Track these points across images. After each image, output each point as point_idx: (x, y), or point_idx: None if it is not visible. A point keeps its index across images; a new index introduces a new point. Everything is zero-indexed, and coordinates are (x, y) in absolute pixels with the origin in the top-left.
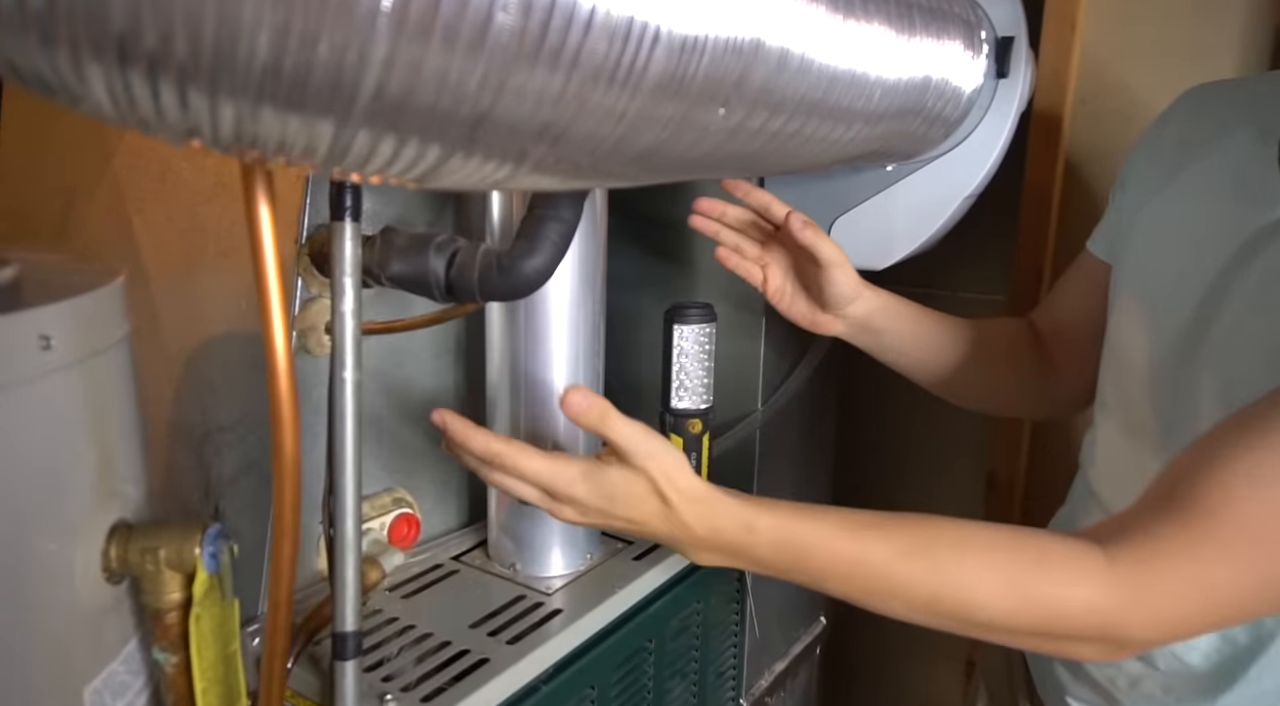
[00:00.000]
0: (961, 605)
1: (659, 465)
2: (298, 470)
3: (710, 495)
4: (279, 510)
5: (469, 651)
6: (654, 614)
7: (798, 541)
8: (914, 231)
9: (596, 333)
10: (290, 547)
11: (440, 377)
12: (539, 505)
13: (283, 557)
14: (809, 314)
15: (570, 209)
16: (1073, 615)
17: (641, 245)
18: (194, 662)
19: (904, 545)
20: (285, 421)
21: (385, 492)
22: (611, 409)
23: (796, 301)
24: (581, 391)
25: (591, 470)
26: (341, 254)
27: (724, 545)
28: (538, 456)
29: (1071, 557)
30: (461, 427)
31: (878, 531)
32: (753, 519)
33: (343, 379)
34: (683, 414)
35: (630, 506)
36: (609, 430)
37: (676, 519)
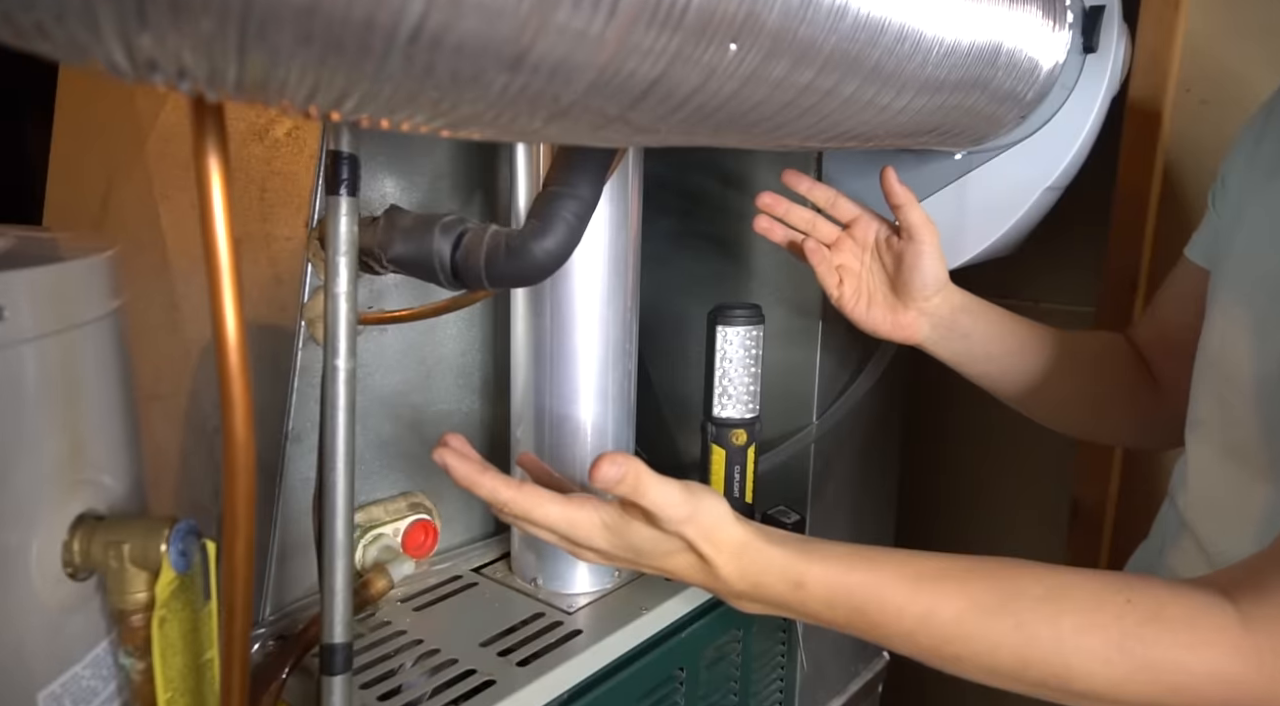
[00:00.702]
0: (1056, 672)
1: (696, 528)
2: (251, 458)
3: (752, 545)
4: (230, 501)
5: (475, 671)
6: (686, 640)
7: (853, 595)
8: (987, 227)
9: (628, 331)
10: (244, 545)
11: (466, 376)
12: (559, 547)
13: (236, 555)
14: (890, 316)
15: (588, 185)
16: (1196, 685)
17: (691, 248)
18: (157, 669)
19: (980, 599)
20: (236, 403)
21: (401, 496)
22: (644, 473)
23: (874, 306)
24: (610, 460)
25: (614, 520)
26: (336, 231)
27: (770, 599)
28: (553, 503)
29: (1194, 614)
30: (466, 472)
31: (947, 582)
32: (801, 572)
33: (335, 367)
34: (726, 423)
35: (660, 559)
36: (642, 499)
37: (715, 573)
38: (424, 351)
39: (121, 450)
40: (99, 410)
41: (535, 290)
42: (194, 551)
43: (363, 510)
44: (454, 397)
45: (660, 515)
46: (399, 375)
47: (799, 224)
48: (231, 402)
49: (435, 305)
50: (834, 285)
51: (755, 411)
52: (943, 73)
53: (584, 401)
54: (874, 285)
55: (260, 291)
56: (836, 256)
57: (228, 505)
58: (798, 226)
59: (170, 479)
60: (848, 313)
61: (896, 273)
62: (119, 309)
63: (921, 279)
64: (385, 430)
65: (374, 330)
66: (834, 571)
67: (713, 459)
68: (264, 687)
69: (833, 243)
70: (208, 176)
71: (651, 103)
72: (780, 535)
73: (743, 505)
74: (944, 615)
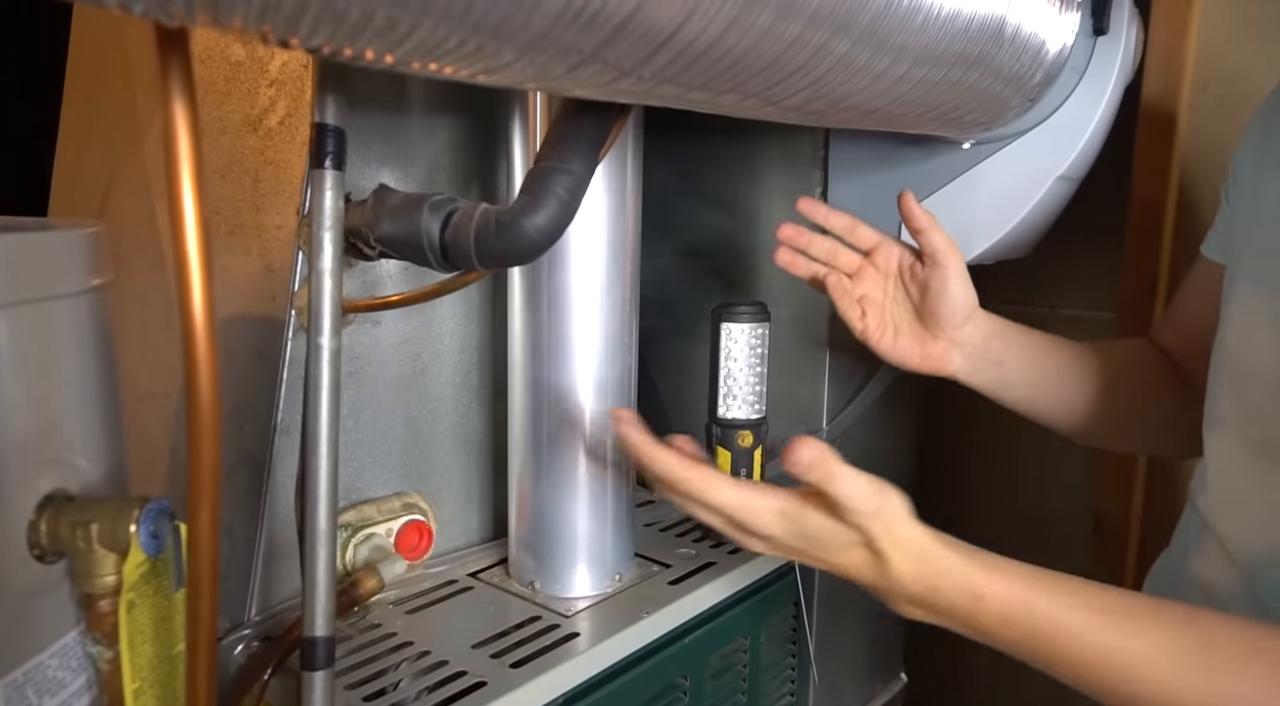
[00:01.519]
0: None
1: (880, 523)
2: (215, 421)
3: (934, 550)
4: (195, 469)
5: (465, 672)
6: (690, 646)
7: (1034, 615)
8: (997, 220)
9: (627, 324)
10: (209, 517)
11: (464, 374)
12: (722, 532)
13: (200, 526)
14: (918, 347)
15: (581, 161)
16: None
17: (697, 255)
18: (124, 657)
19: (1171, 641)
20: (200, 361)
21: (395, 496)
22: (836, 461)
23: (901, 337)
24: (805, 444)
25: (792, 508)
26: (320, 205)
27: (940, 607)
28: (730, 487)
29: None
30: (644, 446)
31: (1135, 619)
32: (981, 583)
33: (319, 346)
34: (731, 425)
35: (833, 552)
36: (831, 486)
37: (888, 572)
38: (419, 347)
39: (99, 433)
40: (75, 389)
41: (532, 282)
42: (166, 534)
43: (354, 509)
44: (451, 395)
45: (847, 506)
46: (394, 370)
47: (820, 255)
48: (195, 360)
49: (427, 289)
50: (857, 318)
51: (762, 412)
52: (942, 44)
53: (582, 395)
54: (900, 315)
55: (251, 282)
56: (858, 287)
57: (192, 472)
58: (819, 258)
59: (162, 476)
60: (873, 345)
61: (923, 301)
62: (101, 288)
63: (950, 306)
64: (379, 426)
65: (367, 323)
66: (1015, 588)
67: (718, 461)
68: (246, 688)
69: (854, 272)
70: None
71: (628, 40)
72: (959, 543)
73: None
74: (1128, 654)
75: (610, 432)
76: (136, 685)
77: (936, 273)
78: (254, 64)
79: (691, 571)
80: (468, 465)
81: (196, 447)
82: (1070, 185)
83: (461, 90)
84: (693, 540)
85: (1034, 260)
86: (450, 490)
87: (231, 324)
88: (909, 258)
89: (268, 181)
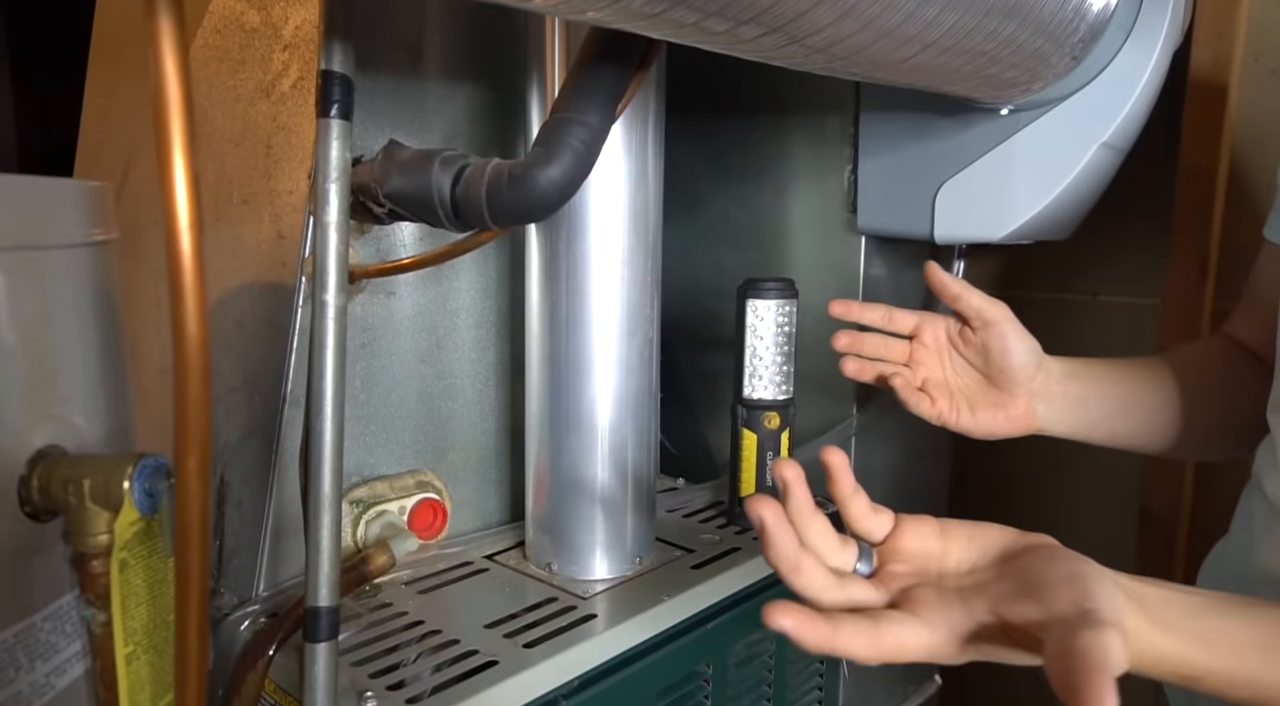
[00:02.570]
0: None
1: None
2: (204, 357)
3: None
4: (181, 411)
5: (477, 652)
6: (712, 633)
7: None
8: (1037, 191)
9: (648, 295)
10: (198, 461)
11: (482, 350)
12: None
13: (188, 476)
14: (999, 413)
15: (598, 113)
16: None
17: (723, 236)
18: (116, 618)
19: None
20: (187, 292)
21: (409, 474)
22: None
23: (979, 408)
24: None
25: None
26: (326, 156)
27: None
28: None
29: None
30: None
31: None
32: (1199, 667)
33: (324, 303)
34: (757, 405)
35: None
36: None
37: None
38: (435, 320)
39: (99, 393)
40: (73, 344)
41: (550, 251)
42: (162, 492)
43: (366, 485)
44: (468, 371)
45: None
46: (408, 343)
47: (873, 352)
48: (182, 291)
49: (439, 250)
50: (928, 407)
51: (789, 393)
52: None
53: (601, 370)
54: (969, 387)
55: (262, 249)
56: (918, 373)
57: (178, 414)
58: (873, 356)
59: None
60: (953, 426)
61: (987, 364)
62: (103, 245)
63: (1017, 359)
64: (392, 401)
65: (381, 293)
66: (1233, 663)
67: (743, 444)
68: (250, 664)
69: (908, 359)
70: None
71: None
72: (1163, 613)
73: (776, 494)
74: None
75: (631, 408)
76: (129, 649)
77: (991, 332)
78: (268, 29)
79: (716, 556)
80: (485, 445)
81: (183, 386)
82: (1115, 155)
83: (480, 56)
84: (717, 526)
85: (1074, 245)
86: (466, 470)
87: (243, 293)
88: (955, 325)
89: (280, 147)
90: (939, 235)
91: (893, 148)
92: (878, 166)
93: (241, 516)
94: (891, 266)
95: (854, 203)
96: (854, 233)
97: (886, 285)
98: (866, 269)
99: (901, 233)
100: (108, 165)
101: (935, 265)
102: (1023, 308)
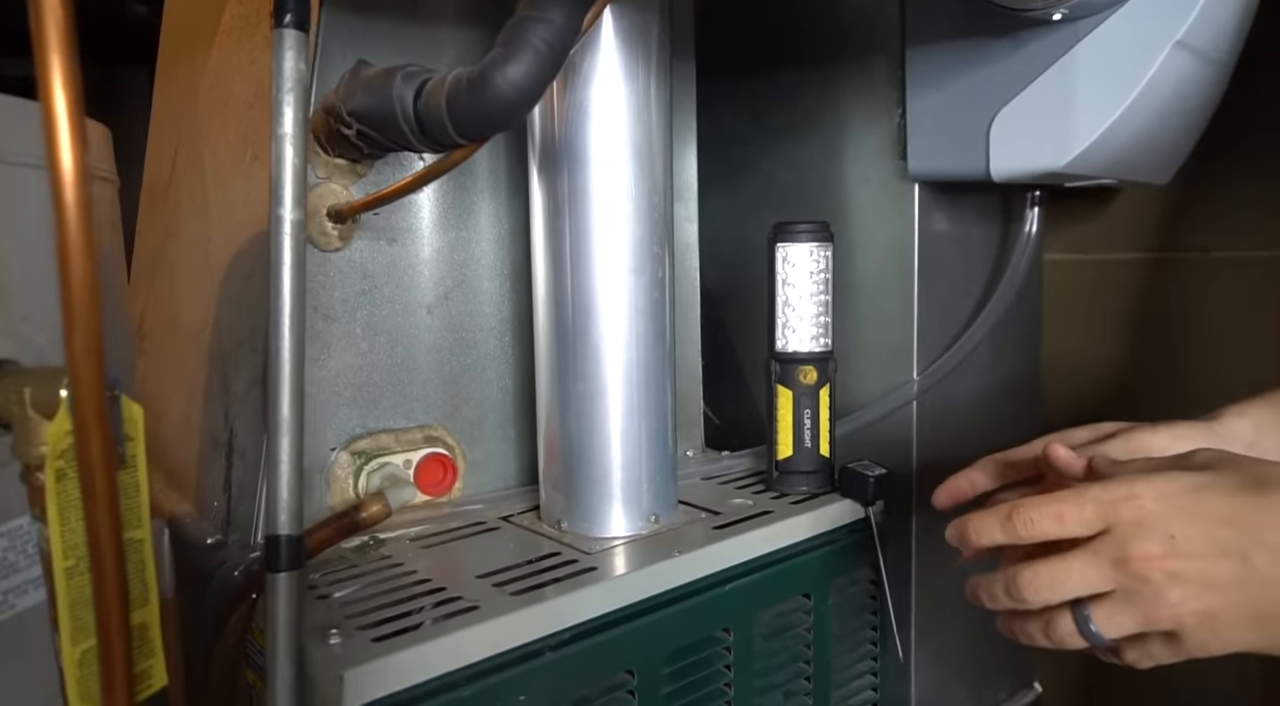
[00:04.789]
0: None
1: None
2: (85, 214)
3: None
4: (65, 274)
5: (460, 597)
6: (731, 595)
7: None
8: (1102, 107)
9: (654, 231)
10: (86, 341)
11: (497, 304)
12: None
13: (75, 354)
14: None
15: (562, 9)
16: None
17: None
18: (53, 531)
19: None
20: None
21: (417, 429)
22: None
23: None
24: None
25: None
26: (280, 67)
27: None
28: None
29: None
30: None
31: None
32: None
33: (279, 217)
34: (791, 359)
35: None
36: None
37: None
38: (444, 270)
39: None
40: (43, 264)
41: (551, 187)
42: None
43: (370, 437)
44: (481, 325)
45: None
46: (413, 293)
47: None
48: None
49: (417, 174)
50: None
51: (827, 346)
52: None
53: (607, 312)
54: None
55: (259, 196)
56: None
57: (63, 275)
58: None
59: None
60: None
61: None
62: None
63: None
64: (396, 352)
65: (382, 240)
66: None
67: (778, 402)
68: (234, 607)
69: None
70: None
71: None
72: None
73: (816, 457)
74: None
75: (640, 355)
76: (70, 563)
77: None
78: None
79: (743, 518)
80: (502, 402)
81: (64, 251)
82: (1199, 62)
83: (480, 3)
84: (753, 492)
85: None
86: (482, 429)
87: (253, 247)
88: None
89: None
90: (995, 170)
91: (942, 82)
92: (927, 105)
93: (245, 465)
94: (955, 221)
95: (904, 149)
96: (906, 181)
97: (948, 242)
98: (924, 223)
99: (955, 172)
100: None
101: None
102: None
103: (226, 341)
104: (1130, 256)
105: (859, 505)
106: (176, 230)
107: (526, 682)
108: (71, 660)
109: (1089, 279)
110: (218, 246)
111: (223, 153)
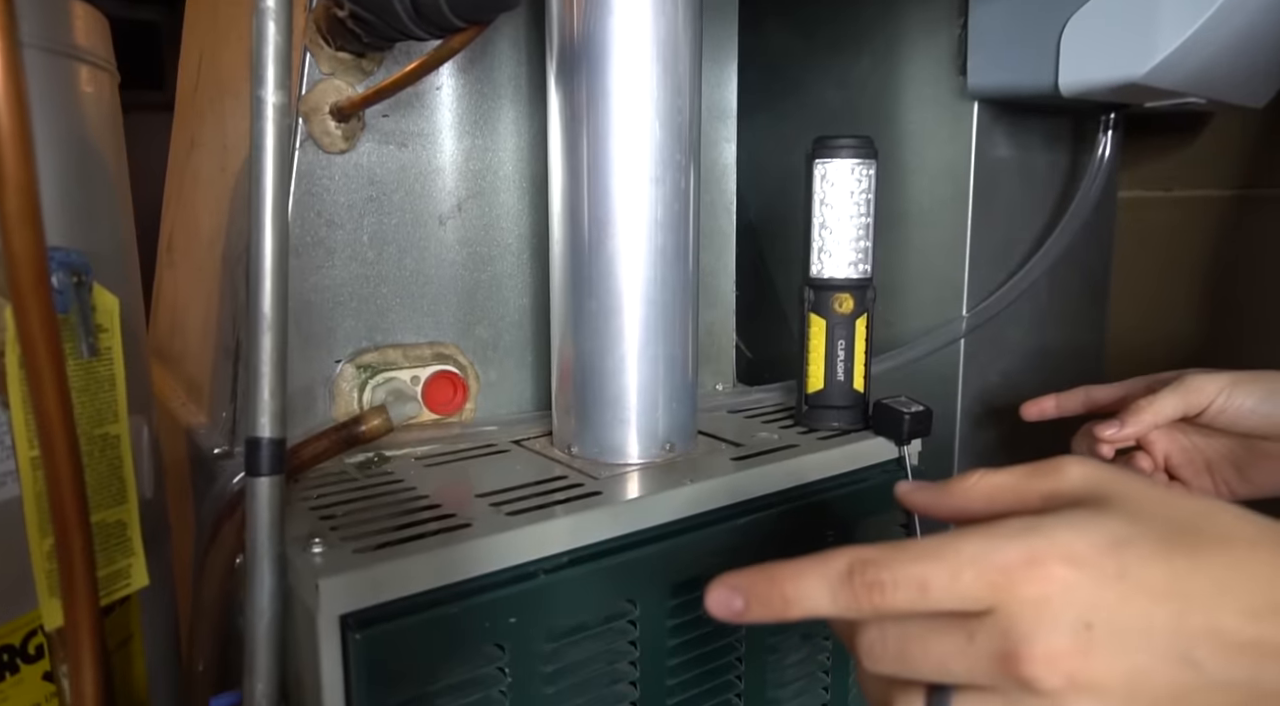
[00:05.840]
0: None
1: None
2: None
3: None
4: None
5: (454, 515)
6: (746, 528)
7: None
8: (1190, 6)
9: (678, 136)
10: (19, 200)
11: (515, 219)
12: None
13: (9, 213)
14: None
15: None
16: None
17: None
18: (16, 419)
19: None
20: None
21: (427, 345)
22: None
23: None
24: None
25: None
26: None
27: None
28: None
29: None
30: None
31: None
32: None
33: (260, 99)
34: (826, 285)
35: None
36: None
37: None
38: (456, 180)
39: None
40: None
41: (568, 88)
42: (70, 289)
43: (377, 351)
44: (498, 240)
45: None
46: (424, 202)
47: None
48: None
49: (415, 63)
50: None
51: (866, 273)
52: None
53: (623, 224)
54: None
55: None
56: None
57: None
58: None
59: (200, 322)
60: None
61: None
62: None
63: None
64: (405, 264)
65: (392, 145)
66: None
67: (810, 331)
68: (228, 514)
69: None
70: None
71: None
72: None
73: (849, 391)
74: None
75: (659, 271)
76: (35, 452)
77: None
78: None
79: (765, 450)
80: (519, 323)
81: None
82: None
83: None
84: (780, 426)
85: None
86: (497, 349)
87: None
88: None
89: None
90: (1065, 82)
91: (1005, 16)
92: (993, 11)
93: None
94: (1017, 146)
95: (964, 63)
96: (964, 99)
97: (1009, 169)
98: (982, 146)
99: (1020, 86)
100: (190, 57)
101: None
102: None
103: (236, 248)
104: (1218, 194)
105: (892, 443)
106: (199, 138)
107: (517, 604)
108: (40, 552)
109: (1166, 219)
110: (233, 153)
111: (239, 57)
